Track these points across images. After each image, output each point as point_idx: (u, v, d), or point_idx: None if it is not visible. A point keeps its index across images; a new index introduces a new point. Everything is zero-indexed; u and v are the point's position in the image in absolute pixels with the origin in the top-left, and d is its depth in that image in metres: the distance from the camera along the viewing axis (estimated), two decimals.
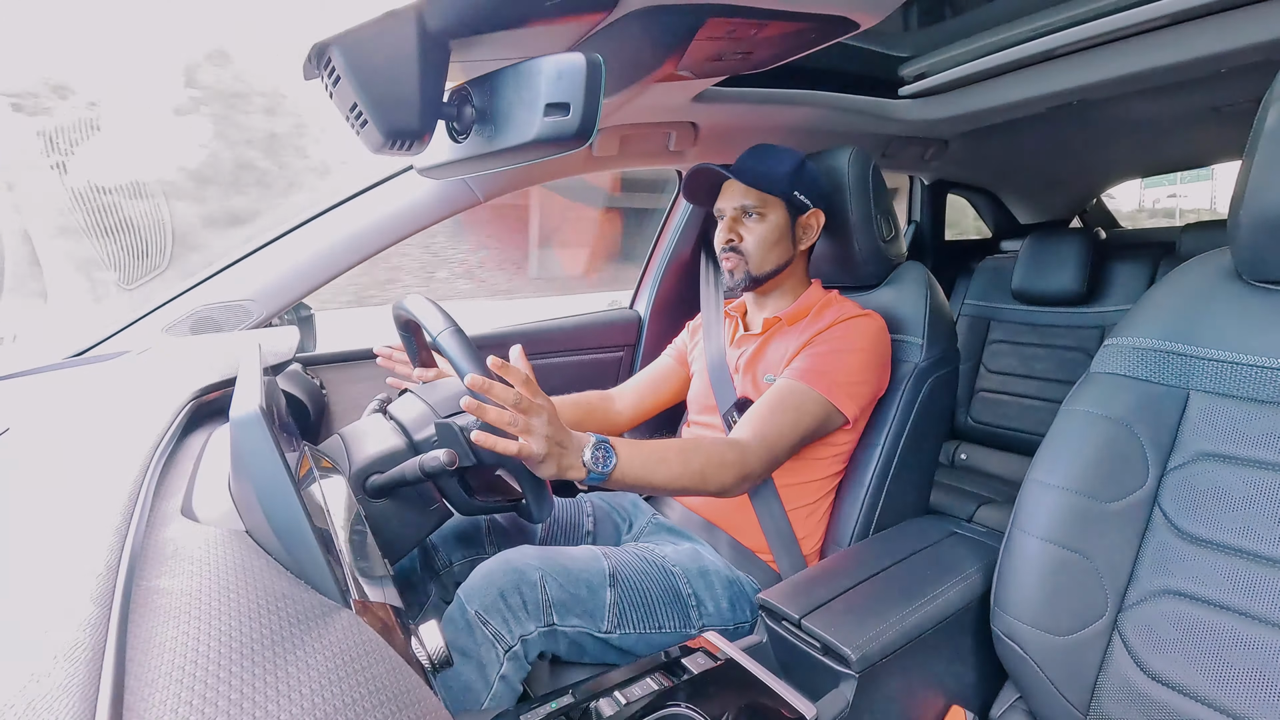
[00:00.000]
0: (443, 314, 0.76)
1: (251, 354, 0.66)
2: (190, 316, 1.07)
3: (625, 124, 1.23)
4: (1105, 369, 0.79)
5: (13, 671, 0.24)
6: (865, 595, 0.83)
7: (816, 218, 1.07)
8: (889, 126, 1.62)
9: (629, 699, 0.65)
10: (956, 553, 0.93)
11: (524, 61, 0.57)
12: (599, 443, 0.75)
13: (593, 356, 1.62)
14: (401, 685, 0.34)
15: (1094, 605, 0.74)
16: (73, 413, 0.61)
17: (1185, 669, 0.68)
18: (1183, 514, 0.71)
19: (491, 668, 0.77)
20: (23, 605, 0.29)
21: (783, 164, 1.04)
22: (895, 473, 1.01)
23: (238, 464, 0.45)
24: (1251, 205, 0.66)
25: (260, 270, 1.11)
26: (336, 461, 0.74)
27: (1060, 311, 1.82)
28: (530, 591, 0.81)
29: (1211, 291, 0.74)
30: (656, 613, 0.90)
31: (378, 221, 1.16)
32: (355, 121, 0.59)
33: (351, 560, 0.49)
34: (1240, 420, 0.69)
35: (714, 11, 0.79)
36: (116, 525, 0.37)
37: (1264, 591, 0.65)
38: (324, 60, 0.57)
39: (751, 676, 0.69)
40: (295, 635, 0.33)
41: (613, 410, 1.21)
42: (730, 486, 0.85)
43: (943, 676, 0.89)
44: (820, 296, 1.08)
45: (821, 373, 0.94)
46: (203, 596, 0.33)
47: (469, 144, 0.63)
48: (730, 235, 1.05)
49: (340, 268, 1.15)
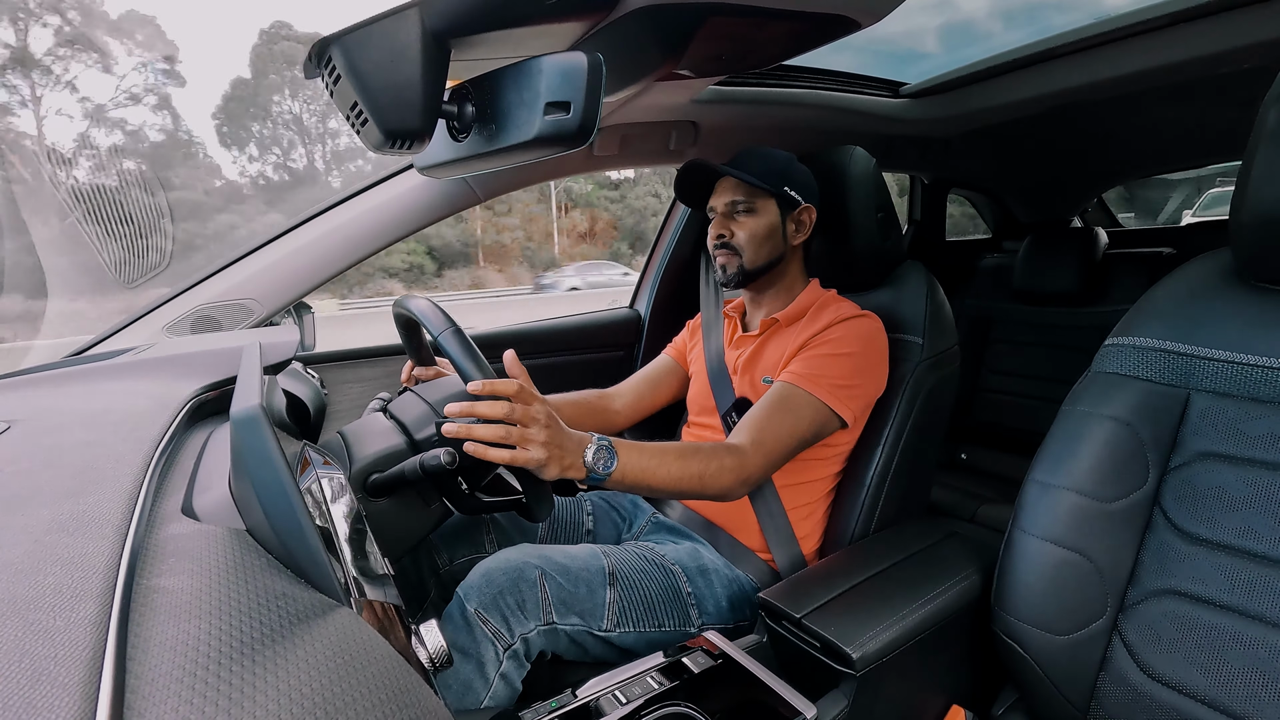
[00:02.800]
0: (443, 314, 0.76)
1: (252, 353, 0.66)
2: (191, 315, 1.07)
3: (625, 123, 1.23)
4: (1106, 368, 0.79)
5: (13, 671, 0.24)
6: (865, 595, 0.83)
7: (809, 214, 1.07)
8: (889, 126, 1.62)
9: (629, 698, 0.65)
10: (956, 553, 0.93)
11: (524, 60, 0.57)
12: (601, 443, 0.75)
13: (593, 356, 1.62)
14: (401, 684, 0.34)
15: (1094, 605, 0.74)
16: (73, 411, 0.61)
17: (1185, 669, 0.68)
18: (1183, 514, 0.71)
19: (491, 666, 0.77)
20: (23, 605, 0.29)
21: (772, 161, 1.05)
22: (895, 472, 1.01)
23: (238, 463, 0.45)
24: (1252, 205, 0.66)
25: (260, 269, 1.11)
26: (337, 460, 0.74)
27: (1061, 311, 1.82)
28: (530, 590, 0.81)
29: (1212, 291, 0.74)
30: (656, 611, 0.90)
31: (378, 220, 1.16)
32: (355, 120, 0.59)
33: (351, 559, 0.49)
34: (1241, 420, 0.69)
35: (714, 11, 0.79)
36: (117, 524, 0.37)
37: (1264, 591, 0.65)
38: (324, 59, 0.57)
39: (751, 676, 0.69)
40: (296, 634, 0.33)
41: (611, 409, 1.21)
42: (729, 490, 0.85)
43: (943, 676, 0.89)
44: (818, 296, 1.08)
45: (818, 376, 0.94)
46: (203, 595, 0.33)
47: (469, 143, 0.63)
48: (722, 231, 1.06)
49: (340, 266, 1.15)
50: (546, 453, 0.69)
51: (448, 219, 1.23)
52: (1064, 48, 1.34)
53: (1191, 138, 1.76)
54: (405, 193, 1.17)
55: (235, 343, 0.79)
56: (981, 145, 1.86)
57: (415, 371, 0.99)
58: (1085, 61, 1.33)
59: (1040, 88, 1.43)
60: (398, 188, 1.17)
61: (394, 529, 0.76)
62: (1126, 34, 1.24)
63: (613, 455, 0.75)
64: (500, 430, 0.68)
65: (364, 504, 0.73)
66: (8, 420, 0.56)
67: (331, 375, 1.27)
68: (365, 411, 0.92)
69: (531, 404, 0.71)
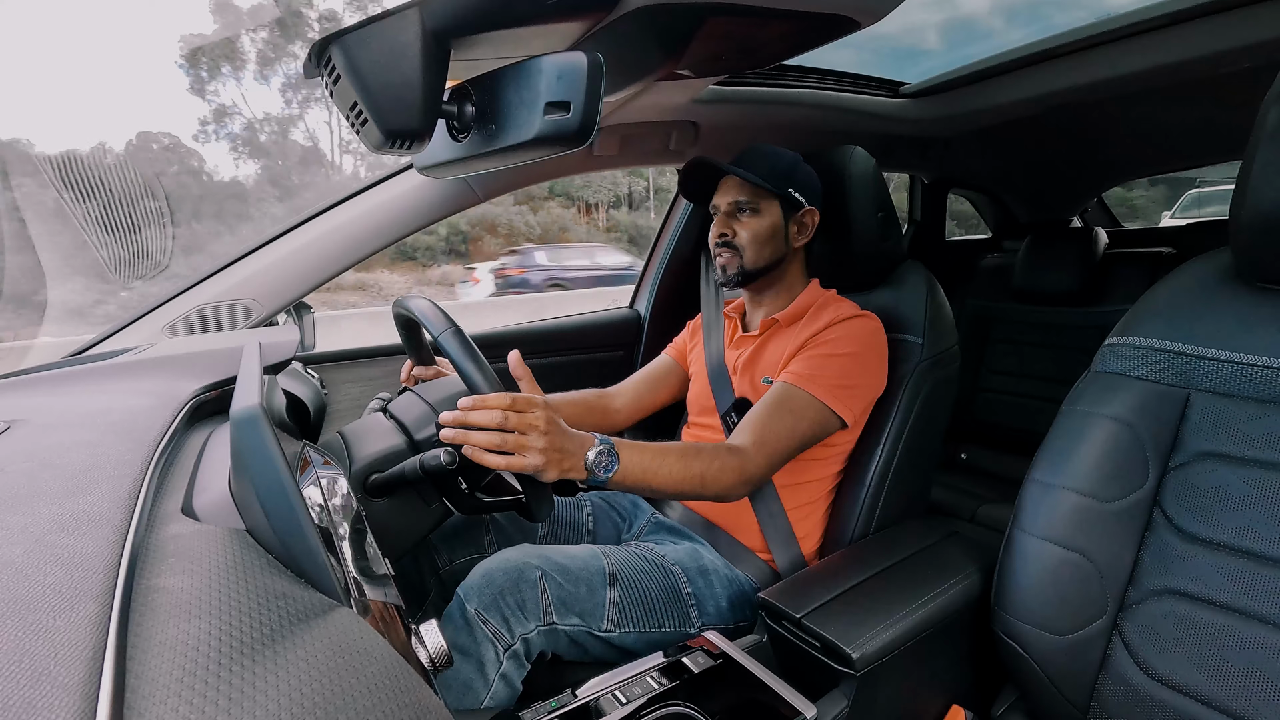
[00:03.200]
0: (443, 315, 0.76)
1: (252, 353, 0.66)
2: (191, 315, 1.07)
3: (625, 123, 1.23)
4: (1106, 368, 0.79)
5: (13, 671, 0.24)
6: (865, 595, 0.83)
7: (812, 216, 1.07)
8: (889, 126, 1.62)
9: (629, 698, 0.65)
10: (956, 553, 0.93)
11: (524, 60, 0.57)
12: (602, 444, 0.75)
13: (593, 356, 1.62)
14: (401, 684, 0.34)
15: (1094, 605, 0.74)
16: (73, 411, 0.61)
17: (1185, 669, 0.68)
18: (1183, 514, 0.71)
19: (491, 666, 0.77)
20: (23, 605, 0.29)
21: (778, 162, 1.05)
22: (895, 472, 1.01)
23: (238, 462, 0.45)
24: (1252, 206, 0.66)
25: (260, 269, 1.11)
26: (337, 460, 0.74)
27: (1061, 311, 1.82)
28: (530, 590, 0.81)
29: (1212, 291, 0.74)
30: (656, 612, 0.90)
31: (377, 220, 1.16)
32: (355, 120, 0.59)
33: (351, 559, 0.49)
34: (1241, 420, 0.69)
35: (714, 11, 0.79)
36: (117, 524, 0.37)
37: (1264, 591, 0.65)
38: (324, 59, 0.57)
39: (751, 676, 0.69)
40: (296, 634, 0.33)
41: (611, 408, 1.21)
42: (730, 491, 0.85)
43: (943, 676, 0.89)
44: (818, 296, 1.08)
45: (818, 376, 0.94)
46: (203, 595, 0.33)
47: (469, 143, 0.63)
48: (724, 230, 1.06)
49: (340, 266, 1.15)
50: (544, 458, 0.69)
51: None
52: (1064, 48, 1.34)
53: (1191, 138, 1.76)
54: (405, 193, 1.17)
55: (235, 343, 0.79)
56: (981, 145, 1.86)
57: (415, 371, 0.99)
58: (1085, 61, 1.33)
59: (1040, 88, 1.43)
60: (398, 188, 1.17)
61: (394, 529, 0.76)
62: (1126, 34, 1.24)
63: (614, 456, 0.75)
64: (495, 438, 0.68)
65: (364, 504, 0.73)
66: (8, 420, 0.56)
67: (331, 375, 1.27)
68: (365, 411, 0.92)
69: (530, 410, 0.70)
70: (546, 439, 0.70)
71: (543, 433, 0.70)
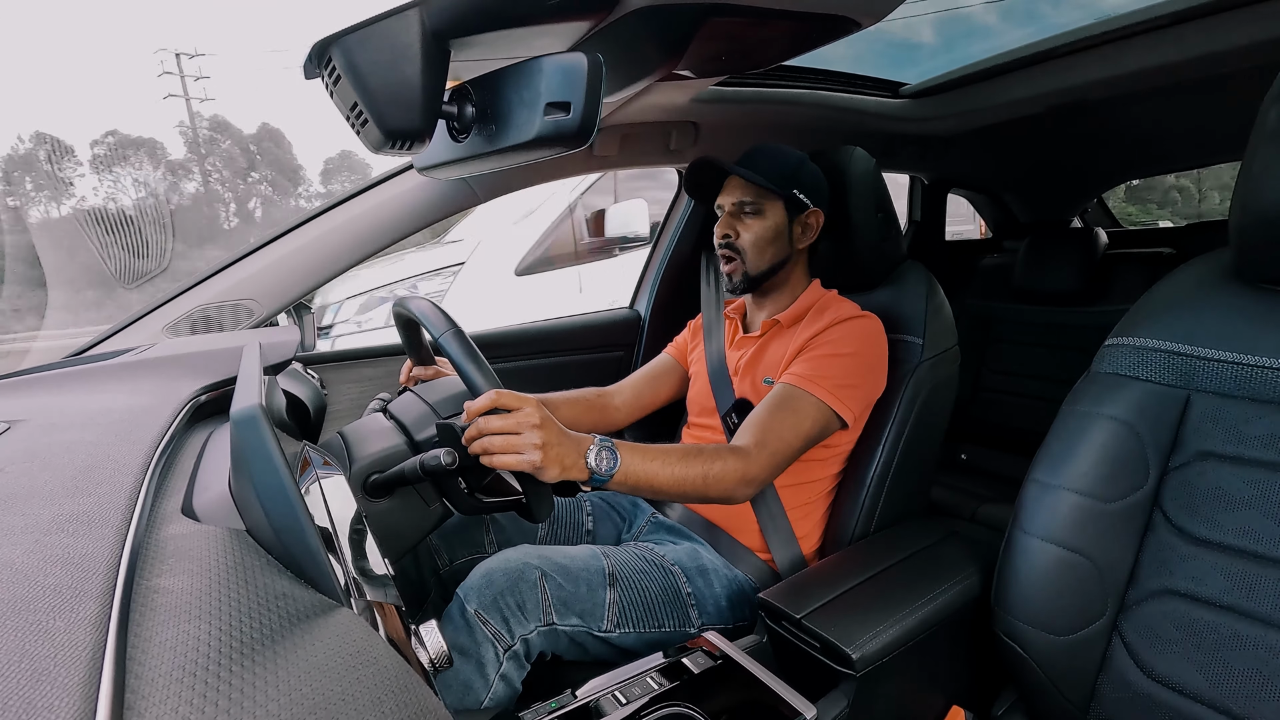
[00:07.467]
0: (443, 315, 0.76)
1: (252, 353, 0.66)
2: (191, 315, 1.07)
3: (625, 123, 1.23)
4: (1106, 368, 0.79)
5: (13, 671, 0.24)
6: (865, 595, 0.83)
7: (816, 217, 1.07)
8: (889, 126, 1.62)
9: (629, 698, 0.65)
10: (956, 553, 0.93)
11: (525, 61, 0.57)
12: (603, 445, 0.75)
13: (593, 356, 1.62)
14: (401, 684, 0.34)
15: (1094, 605, 0.74)
16: (73, 411, 0.61)
17: (1185, 669, 0.68)
18: (1183, 514, 0.71)
19: (491, 667, 0.77)
20: (23, 605, 0.29)
21: (783, 162, 1.04)
22: (895, 472, 1.01)
23: (238, 463, 0.45)
24: (1252, 206, 0.66)
25: (260, 269, 1.11)
26: (337, 460, 0.74)
27: (1061, 311, 1.82)
28: (530, 591, 0.81)
29: (1212, 291, 0.74)
30: (656, 612, 0.90)
31: (377, 220, 1.16)
32: (355, 121, 0.59)
33: (351, 559, 0.49)
34: (1241, 421, 0.69)
35: (714, 11, 0.79)
36: (117, 524, 0.37)
37: (1264, 591, 0.65)
38: (324, 59, 0.57)
39: (751, 676, 0.69)
40: (295, 634, 0.33)
41: (610, 406, 1.20)
42: (733, 492, 0.84)
43: (943, 676, 0.89)
44: (818, 296, 1.08)
45: (819, 376, 0.94)
46: (203, 595, 0.33)
47: (469, 143, 0.63)
48: (727, 231, 1.06)
49: (340, 266, 1.15)
50: (541, 455, 0.69)
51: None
52: (1064, 48, 1.34)
53: (1191, 138, 1.76)
54: (405, 193, 1.17)
55: (235, 343, 0.79)
56: (981, 145, 1.86)
57: (415, 371, 0.99)
58: (1085, 61, 1.33)
59: (1040, 87, 1.43)
60: (398, 188, 1.17)
61: (394, 529, 0.76)
62: (1126, 34, 1.24)
63: (615, 457, 0.75)
64: (498, 441, 0.69)
65: (364, 504, 0.73)
66: (8, 420, 0.56)
67: (331, 375, 1.27)
68: (365, 411, 0.92)
69: (520, 408, 0.70)
70: (542, 435, 0.69)
71: (535, 428, 0.70)
